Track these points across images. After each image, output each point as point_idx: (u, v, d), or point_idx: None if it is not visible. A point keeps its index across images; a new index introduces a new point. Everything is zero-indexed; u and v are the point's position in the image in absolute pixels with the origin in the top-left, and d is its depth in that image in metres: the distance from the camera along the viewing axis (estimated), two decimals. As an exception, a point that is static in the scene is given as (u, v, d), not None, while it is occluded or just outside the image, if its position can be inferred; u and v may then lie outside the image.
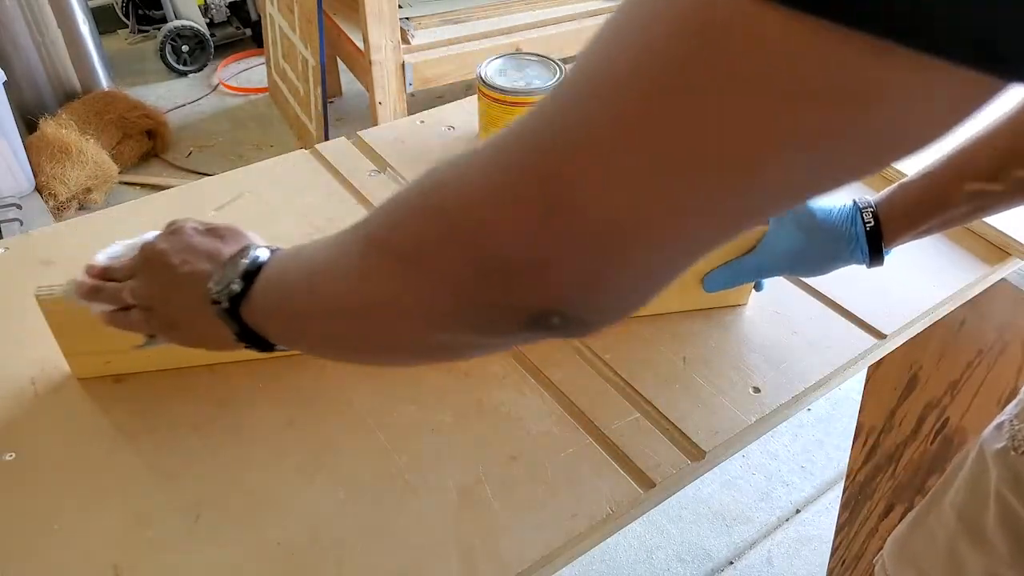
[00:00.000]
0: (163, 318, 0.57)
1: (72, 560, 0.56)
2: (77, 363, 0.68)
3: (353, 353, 0.49)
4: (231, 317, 0.50)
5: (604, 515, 0.60)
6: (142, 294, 0.57)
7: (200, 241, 0.56)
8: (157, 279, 0.56)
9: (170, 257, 0.55)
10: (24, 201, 2.11)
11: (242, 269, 0.49)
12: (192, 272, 0.53)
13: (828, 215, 0.70)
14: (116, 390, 0.68)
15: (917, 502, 1.04)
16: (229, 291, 0.49)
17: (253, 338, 0.51)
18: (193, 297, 0.52)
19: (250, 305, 0.49)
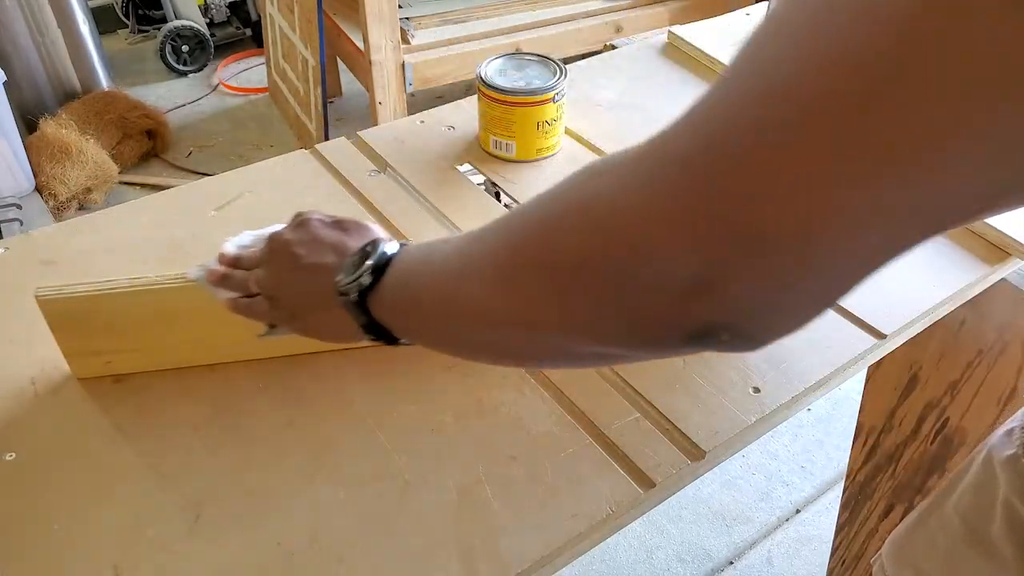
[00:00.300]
0: (287, 308, 0.58)
1: (72, 560, 0.56)
2: (77, 364, 0.68)
3: (487, 356, 0.48)
4: (359, 309, 0.50)
5: (604, 515, 0.60)
6: (268, 284, 0.59)
7: (326, 233, 0.57)
8: (283, 269, 0.57)
9: (297, 248, 0.56)
10: (24, 201, 2.11)
11: (372, 262, 0.50)
12: (318, 264, 0.54)
13: None
14: (116, 390, 0.68)
15: (917, 502, 1.04)
16: (359, 284, 0.50)
17: (379, 331, 0.52)
18: (319, 288, 0.53)
19: (379, 299, 0.50)
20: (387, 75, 2.15)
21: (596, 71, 1.15)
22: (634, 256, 0.33)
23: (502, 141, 0.96)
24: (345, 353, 0.71)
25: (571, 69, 0.99)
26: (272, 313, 0.60)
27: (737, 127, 0.30)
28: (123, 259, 0.81)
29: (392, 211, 0.87)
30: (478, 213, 0.88)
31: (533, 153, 0.97)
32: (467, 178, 0.94)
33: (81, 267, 0.79)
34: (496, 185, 0.95)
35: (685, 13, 2.46)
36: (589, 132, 1.02)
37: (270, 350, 0.70)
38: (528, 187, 0.93)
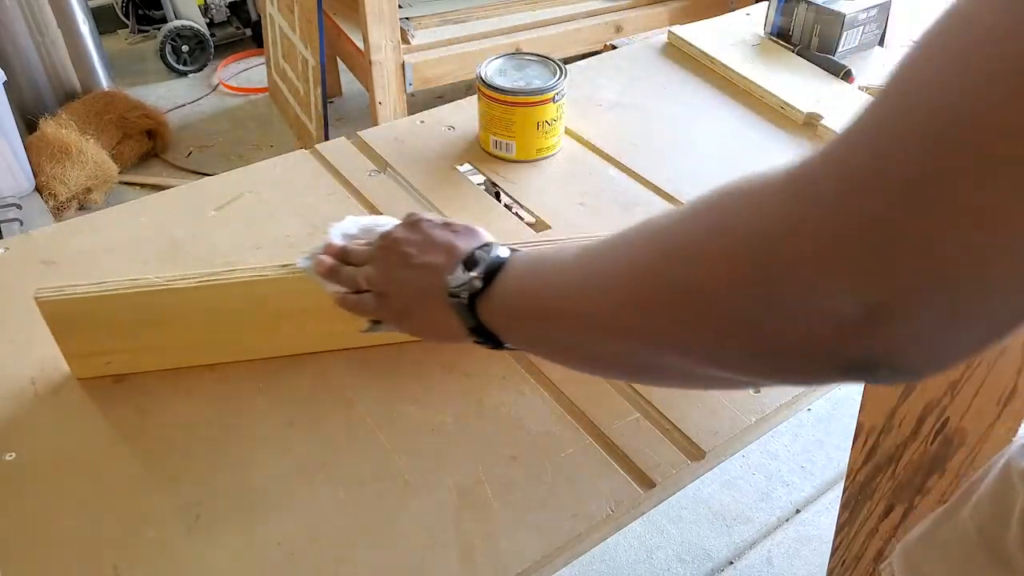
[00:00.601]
0: (396, 305, 0.59)
1: (72, 560, 0.56)
2: (77, 364, 0.68)
3: (602, 368, 0.47)
4: (468, 312, 0.51)
5: (604, 515, 0.60)
6: (378, 280, 0.60)
7: (438, 234, 0.58)
8: (394, 267, 0.58)
9: (408, 247, 0.58)
10: (24, 201, 2.10)
11: (484, 266, 0.51)
12: (430, 264, 0.55)
13: None
14: (116, 390, 0.68)
15: (917, 502, 1.05)
16: (470, 286, 0.51)
17: (485, 334, 0.52)
18: (429, 288, 0.54)
19: (488, 302, 0.50)
20: (387, 75, 2.15)
21: (596, 71, 1.15)
22: (788, 286, 0.31)
23: (502, 141, 0.96)
24: (345, 353, 0.71)
25: (571, 69, 0.99)
26: (380, 310, 0.61)
27: (914, 148, 0.28)
28: (123, 259, 0.81)
29: (392, 211, 0.87)
30: (478, 213, 0.88)
31: (533, 153, 0.97)
32: (467, 178, 0.94)
33: (81, 267, 0.79)
34: (496, 185, 0.95)
35: (685, 13, 2.46)
36: (589, 132, 1.02)
37: (270, 350, 0.71)
38: (528, 187, 0.93)
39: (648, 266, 0.38)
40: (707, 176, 0.94)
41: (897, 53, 1.18)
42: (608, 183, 0.93)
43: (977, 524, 0.62)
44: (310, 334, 0.70)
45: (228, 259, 0.81)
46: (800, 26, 1.16)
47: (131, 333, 0.67)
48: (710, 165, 0.96)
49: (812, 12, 1.14)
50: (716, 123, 1.04)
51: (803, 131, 1.02)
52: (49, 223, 1.95)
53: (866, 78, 1.12)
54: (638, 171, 0.95)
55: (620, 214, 0.88)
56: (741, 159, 0.97)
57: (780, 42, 1.18)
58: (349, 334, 0.70)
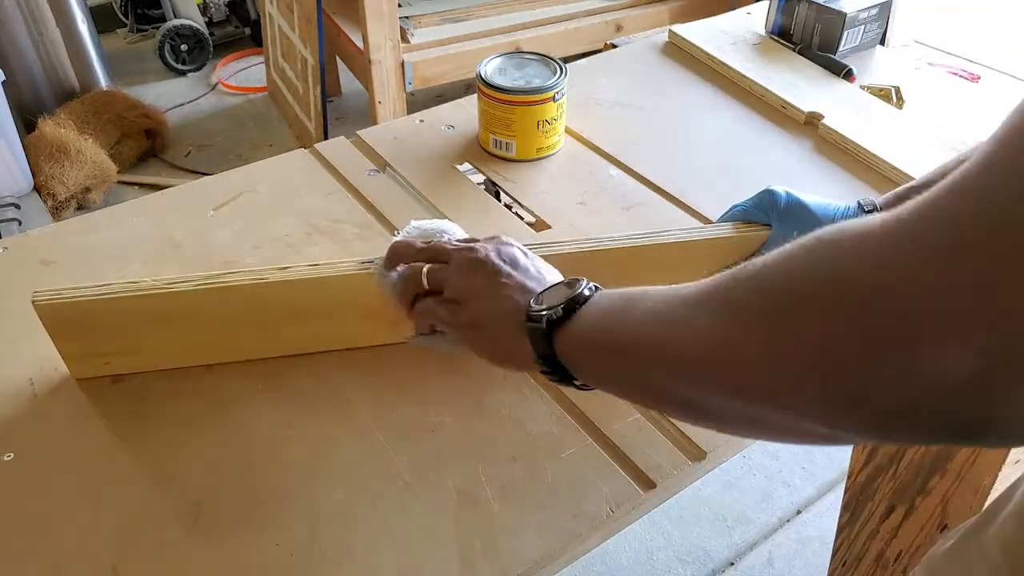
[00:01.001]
0: (467, 318, 0.59)
1: (71, 560, 0.56)
2: (75, 365, 0.68)
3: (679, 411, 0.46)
4: (544, 340, 0.51)
5: (604, 516, 0.60)
6: (458, 287, 0.60)
7: (528, 262, 0.59)
8: (479, 279, 0.58)
9: (500, 265, 0.58)
10: (23, 201, 2.10)
11: (568, 297, 0.51)
12: (516, 285, 0.56)
13: (831, 217, 0.70)
14: (115, 390, 0.68)
15: (919, 503, 1.04)
16: (551, 315, 0.50)
17: (554, 365, 0.51)
18: (509, 309, 0.55)
19: (565, 334, 0.50)
20: (386, 74, 2.15)
21: (596, 70, 1.15)
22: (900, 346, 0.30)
23: (502, 140, 0.95)
24: (345, 353, 0.71)
25: (571, 68, 0.99)
26: (449, 318, 0.60)
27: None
28: (122, 259, 0.80)
29: (391, 211, 0.87)
30: (478, 213, 0.88)
31: (533, 152, 0.96)
32: (467, 177, 0.94)
33: (80, 267, 0.79)
34: (496, 184, 0.94)
35: (685, 12, 2.46)
36: (589, 131, 1.01)
37: (269, 351, 0.70)
38: (528, 186, 0.93)
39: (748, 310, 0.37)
40: (708, 175, 0.94)
41: (898, 52, 1.18)
42: (608, 182, 0.93)
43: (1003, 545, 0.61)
44: (309, 336, 0.70)
45: (227, 259, 0.80)
46: (801, 25, 1.16)
47: (128, 335, 0.66)
48: (711, 164, 0.96)
49: (813, 11, 1.14)
50: (717, 122, 1.04)
51: (804, 130, 1.02)
52: (48, 223, 1.95)
53: (867, 77, 1.11)
54: (638, 170, 0.95)
55: (620, 214, 0.88)
56: (742, 158, 0.97)
57: (781, 41, 1.18)
58: (348, 336, 0.70)
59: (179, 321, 0.66)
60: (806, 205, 0.72)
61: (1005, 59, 1.17)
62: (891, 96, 1.06)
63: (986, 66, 1.16)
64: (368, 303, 0.67)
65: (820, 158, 0.97)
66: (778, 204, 0.72)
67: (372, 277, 0.65)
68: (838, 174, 0.95)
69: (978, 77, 1.13)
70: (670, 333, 0.41)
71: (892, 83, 1.08)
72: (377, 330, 0.70)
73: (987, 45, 1.20)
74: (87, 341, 0.66)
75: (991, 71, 1.15)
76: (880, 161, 0.94)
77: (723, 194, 0.84)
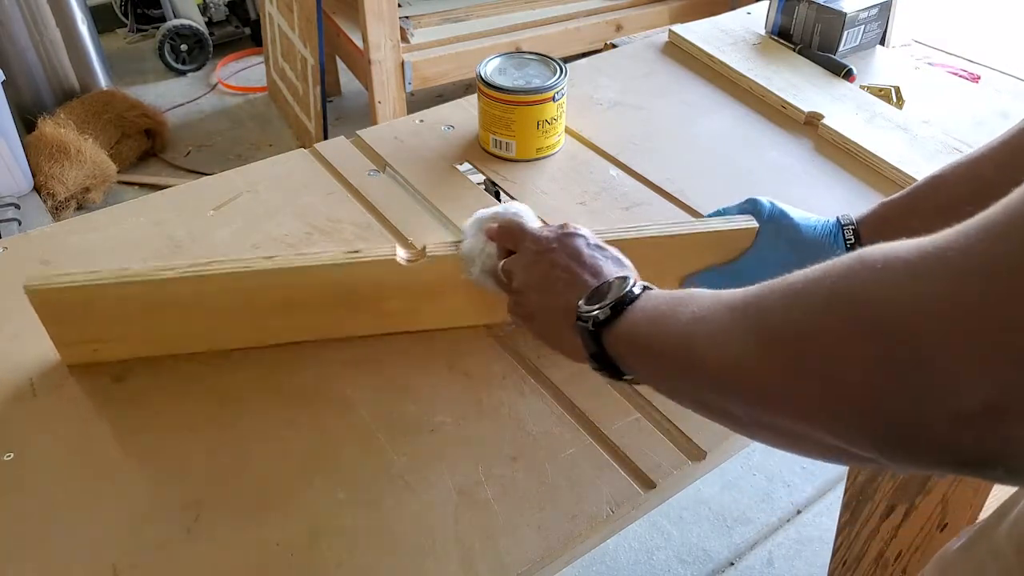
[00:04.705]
0: (527, 309, 0.62)
1: (72, 560, 0.56)
2: (66, 351, 0.69)
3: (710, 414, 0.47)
4: (592, 339, 0.52)
5: (604, 516, 0.60)
6: (521, 279, 0.62)
7: (587, 254, 0.60)
8: (537, 274, 0.61)
9: (558, 258, 0.60)
10: (22, 201, 2.10)
11: (613, 299, 0.52)
12: (569, 282, 0.57)
13: (812, 230, 0.71)
14: (115, 390, 0.68)
15: (919, 502, 1.04)
16: (599, 315, 0.52)
17: (606, 362, 0.53)
18: (562, 304, 0.56)
19: (613, 333, 0.51)
20: (386, 74, 2.15)
21: (596, 70, 1.15)
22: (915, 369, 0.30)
23: (502, 140, 0.95)
24: (345, 353, 0.71)
25: (571, 68, 0.99)
26: (514, 307, 0.64)
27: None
28: (122, 258, 0.80)
29: (391, 211, 0.87)
30: (478, 212, 0.88)
31: (533, 152, 0.96)
32: (467, 177, 0.94)
33: (80, 267, 0.78)
34: (496, 184, 0.94)
35: (685, 11, 2.46)
36: (589, 131, 1.01)
37: (258, 340, 0.71)
38: (528, 186, 0.93)
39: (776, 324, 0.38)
40: (708, 175, 0.94)
41: (898, 52, 1.18)
42: (608, 182, 0.93)
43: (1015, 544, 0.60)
44: (297, 326, 0.71)
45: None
46: (801, 25, 1.16)
47: (118, 322, 0.67)
48: (711, 164, 0.96)
49: (813, 11, 1.14)
50: (717, 122, 1.04)
51: (804, 130, 1.02)
52: (47, 223, 1.95)
53: (867, 77, 1.11)
54: (638, 170, 0.95)
55: (620, 214, 0.88)
56: (742, 158, 0.97)
57: (781, 41, 1.18)
58: (335, 325, 0.71)
59: (167, 309, 0.67)
60: (789, 216, 0.72)
61: (1005, 59, 1.17)
62: (891, 96, 1.06)
63: (986, 66, 1.16)
64: (352, 293, 0.68)
65: (820, 158, 0.97)
66: (761, 214, 0.73)
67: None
68: (838, 174, 0.95)
69: (978, 77, 1.13)
70: (706, 342, 0.42)
71: (892, 83, 1.08)
72: (366, 320, 0.71)
73: (987, 45, 1.21)
74: (78, 327, 0.67)
75: (991, 71, 1.15)
76: (880, 161, 0.94)
77: (723, 194, 0.84)
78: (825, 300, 0.35)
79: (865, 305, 0.33)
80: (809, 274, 0.37)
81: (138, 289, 0.65)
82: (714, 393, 0.43)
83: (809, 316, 0.36)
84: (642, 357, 0.50)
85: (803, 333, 0.36)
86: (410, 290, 0.70)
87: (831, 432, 0.35)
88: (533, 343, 0.72)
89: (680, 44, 1.20)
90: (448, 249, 0.69)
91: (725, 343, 0.41)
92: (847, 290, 0.34)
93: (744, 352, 0.39)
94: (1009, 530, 0.61)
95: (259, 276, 0.66)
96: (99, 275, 0.65)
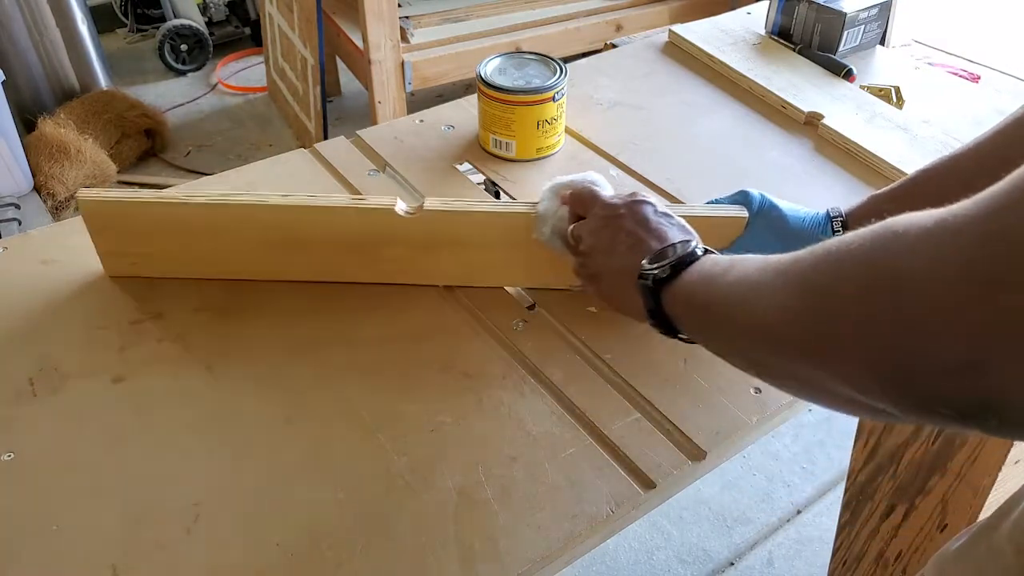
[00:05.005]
0: (592, 269, 0.66)
1: (71, 560, 0.56)
2: (109, 262, 0.77)
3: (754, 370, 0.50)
4: (651, 295, 0.56)
5: (604, 516, 0.60)
6: (588, 242, 0.66)
7: (654, 220, 0.63)
8: (603, 236, 0.64)
9: (624, 222, 0.63)
10: (22, 201, 2.10)
11: (675, 258, 0.56)
12: (634, 244, 0.61)
13: (801, 221, 0.72)
14: (115, 390, 0.68)
15: (919, 502, 1.04)
16: (660, 273, 0.56)
17: (662, 319, 0.56)
18: (626, 264, 0.60)
19: (672, 291, 0.55)
20: (386, 74, 2.15)
21: (596, 70, 1.15)
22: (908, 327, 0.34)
23: (502, 140, 0.95)
24: (345, 353, 0.71)
25: (571, 68, 0.99)
26: (579, 269, 0.68)
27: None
28: (122, 258, 0.80)
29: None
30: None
31: (533, 152, 0.96)
32: (467, 177, 0.94)
33: (80, 267, 0.79)
34: (496, 184, 0.94)
35: (685, 11, 2.46)
36: (589, 131, 1.01)
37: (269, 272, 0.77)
38: (528, 186, 0.93)
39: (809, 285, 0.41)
40: (708, 175, 0.94)
41: (898, 52, 1.18)
42: (608, 182, 0.93)
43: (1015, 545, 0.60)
44: (307, 264, 0.76)
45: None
46: (801, 25, 1.16)
47: (152, 239, 0.75)
48: (711, 164, 0.96)
49: (813, 11, 1.14)
50: (717, 122, 1.04)
51: (804, 130, 1.02)
52: (47, 223, 1.95)
53: (867, 77, 1.11)
54: (638, 170, 0.95)
55: (620, 213, 0.88)
56: (741, 158, 0.97)
57: (781, 41, 1.18)
58: (340, 268, 0.76)
59: (193, 232, 0.74)
60: (779, 209, 0.74)
61: (1005, 59, 1.17)
62: (891, 96, 1.06)
63: (986, 66, 1.16)
64: (355, 236, 0.74)
65: (820, 158, 0.97)
66: (752, 205, 0.74)
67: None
68: (838, 174, 0.95)
69: (978, 77, 1.13)
70: (751, 299, 0.45)
71: (892, 83, 1.08)
72: (367, 265, 0.76)
73: (987, 45, 1.21)
74: (117, 238, 0.75)
75: (991, 71, 1.15)
76: (880, 161, 0.94)
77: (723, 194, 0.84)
78: (852, 261, 0.38)
79: (884, 267, 0.36)
80: (843, 239, 0.40)
81: (170, 209, 0.73)
82: (754, 344, 0.46)
83: (837, 275, 0.39)
84: (694, 313, 0.54)
85: (831, 289, 0.39)
86: (408, 241, 0.74)
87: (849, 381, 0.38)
88: (533, 343, 0.73)
89: (680, 44, 1.20)
90: (443, 205, 0.73)
91: (766, 298, 0.44)
92: (870, 253, 0.37)
93: (781, 306, 0.42)
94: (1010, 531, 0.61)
95: (272, 210, 0.72)
96: (138, 194, 0.73)
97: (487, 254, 0.76)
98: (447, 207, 0.73)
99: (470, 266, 0.77)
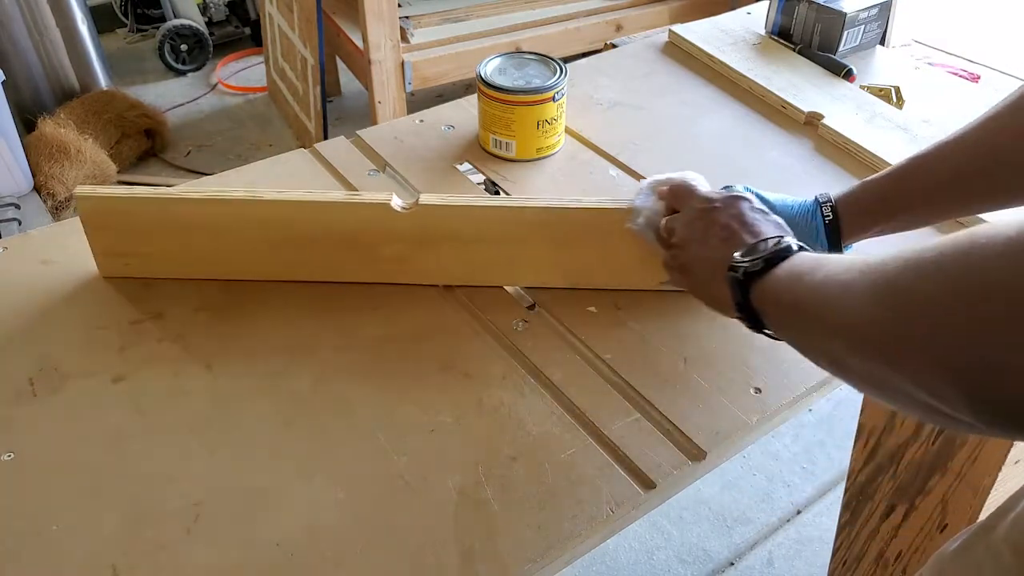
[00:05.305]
0: (684, 261, 0.66)
1: (71, 560, 0.56)
2: (104, 262, 0.77)
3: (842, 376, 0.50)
4: (740, 289, 0.57)
5: (604, 516, 0.60)
6: (681, 234, 0.66)
7: (751, 215, 0.63)
8: (697, 229, 0.65)
9: (719, 217, 0.64)
10: (22, 201, 2.10)
11: (767, 253, 0.56)
12: (727, 238, 0.61)
13: (789, 209, 0.72)
14: (114, 390, 0.68)
15: (919, 503, 1.04)
16: (751, 267, 0.56)
17: (750, 313, 0.57)
18: (717, 257, 0.60)
19: (761, 286, 0.56)
20: (386, 74, 2.15)
21: (596, 70, 1.15)
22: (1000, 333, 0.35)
23: (502, 140, 0.95)
24: (345, 353, 0.71)
25: (571, 68, 0.99)
26: (670, 261, 0.68)
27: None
28: (122, 258, 0.80)
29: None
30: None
31: (533, 152, 0.96)
32: (467, 177, 0.94)
33: (80, 267, 0.79)
34: (496, 184, 0.94)
35: (685, 11, 2.46)
36: (589, 131, 1.01)
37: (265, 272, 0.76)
38: (528, 186, 0.93)
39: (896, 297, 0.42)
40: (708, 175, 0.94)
41: (898, 52, 1.18)
42: (608, 182, 0.93)
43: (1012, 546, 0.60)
44: (304, 262, 0.76)
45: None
46: (801, 25, 1.16)
47: (149, 238, 0.74)
48: (711, 164, 0.96)
49: (813, 11, 1.14)
50: (717, 122, 1.04)
51: (804, 130, 1.02)
52: (47, 223, 1.95)
53: (867, 77, 1.11)
54: (638, 170, 0.95)
55: (620, 213, 0.88)
56: (742, 158, 0.97)
57: (781, 41, 1.18)
58: (338, 266, 0.76)
59: (191, 230, 0.74)
60: (764, 198, 0.73)
61: (1005, 59, 1.17)
62: (891, 96, 1.06)
63: (986, 66, 1.16)
64: (351, 232, 0.74)
65: (820, 158, 0.97)
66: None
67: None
68: (838, 174, 0.95)
69: (978, 77, 1.13)
70: (837, 298, 0.46)
71: (892, 83, 1.08)
72: (364, 262, 0.76)
73: (987, 45, 1.20)
74: (114, 237, 0.75)
75: (991, 71, 1.15)
76: (880, 161, 0.94)
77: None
78: (935, 266, 0.39)
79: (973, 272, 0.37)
80: (925, 245, 0.41)
81: (167, 205, 0.72)
82: (836, 344, 0.46)
83: (918, 278, 0.40)
84: (780, 309, 0.54)
85: (912, 292, 0.40)
86: (405, 238, 0.74)
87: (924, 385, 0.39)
88: (533, 343, 0.73)
89: (680, 44, 1.20)
90: (439, 200, 0.73)
91: (850, 299, 0.44)
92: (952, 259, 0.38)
93: (864, 308, 0.43)
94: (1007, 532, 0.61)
95: (269, 206, 0.72)
96: (136, 191, 0.74)
97: (485, 251, 0.76)
98: (442, 202, 0.73)
99: (469, 264, 0.77)
